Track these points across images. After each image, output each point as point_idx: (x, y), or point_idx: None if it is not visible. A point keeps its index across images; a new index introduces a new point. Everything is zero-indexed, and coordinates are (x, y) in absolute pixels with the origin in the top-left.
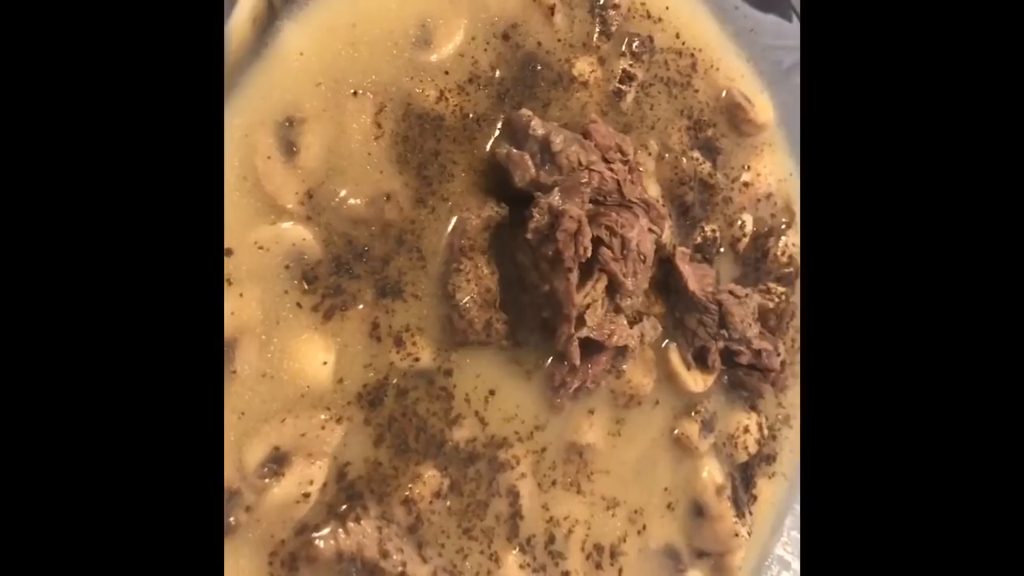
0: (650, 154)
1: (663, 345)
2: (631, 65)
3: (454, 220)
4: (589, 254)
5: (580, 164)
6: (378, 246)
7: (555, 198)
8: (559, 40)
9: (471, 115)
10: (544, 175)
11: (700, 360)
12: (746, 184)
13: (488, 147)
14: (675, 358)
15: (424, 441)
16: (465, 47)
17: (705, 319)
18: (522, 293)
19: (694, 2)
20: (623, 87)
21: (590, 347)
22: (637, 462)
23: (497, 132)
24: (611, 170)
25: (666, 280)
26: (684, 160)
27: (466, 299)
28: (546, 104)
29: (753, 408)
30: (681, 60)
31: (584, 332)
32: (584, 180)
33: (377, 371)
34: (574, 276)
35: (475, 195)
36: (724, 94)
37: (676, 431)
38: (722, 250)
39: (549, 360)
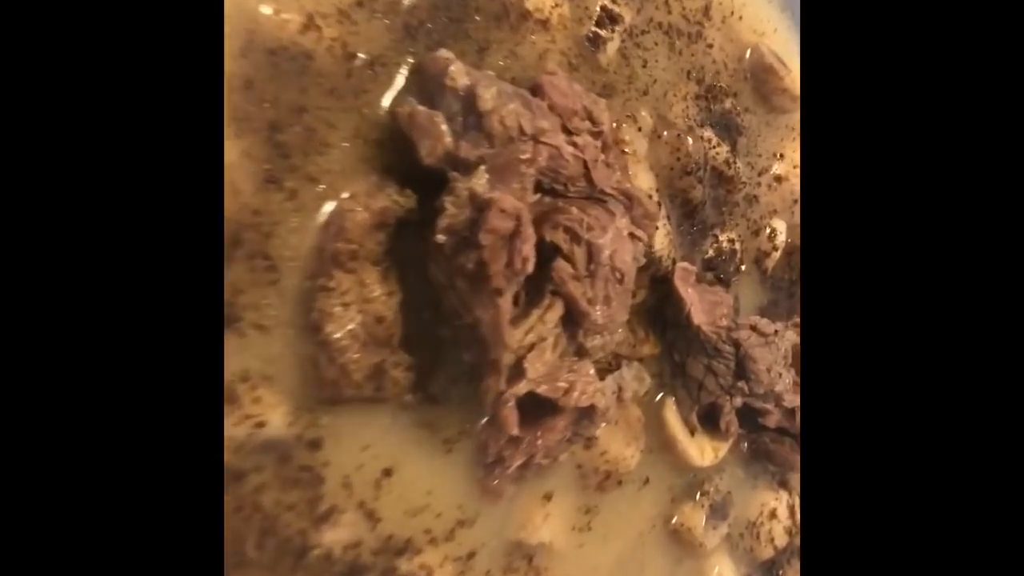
0: (640, 129)
1: (656, 400)
2: (614, 1)
3: (327, 212)
4: (531, 268)
5: (522, 132)
6: None
7: (479, 181)
8: None
9: (360, 56)
10: (466, 147)
11: (709, 422)
12: (778, 179)
13: (386, 104)
14: (673, 419)
15: (273, 549)
16: None
17: (716, 365)
18: (437, 324)
19: None
20: (602, 32)
21: (540, 407)
22: (616, 567)
23: (401, 83)
24: (573, 145)
25: (661, 308)
26: (690, 140)
27: (341, 332)
28: (483, 48)
29: (783, 485)
30: (689, 1)
31: (523, 386)
32: (526, 155)
33: None
34: (506, 301)
35: (364, 176)
36: (749, 53)
37: (674, 520)
38: (743, 268)
39: (481, 423)
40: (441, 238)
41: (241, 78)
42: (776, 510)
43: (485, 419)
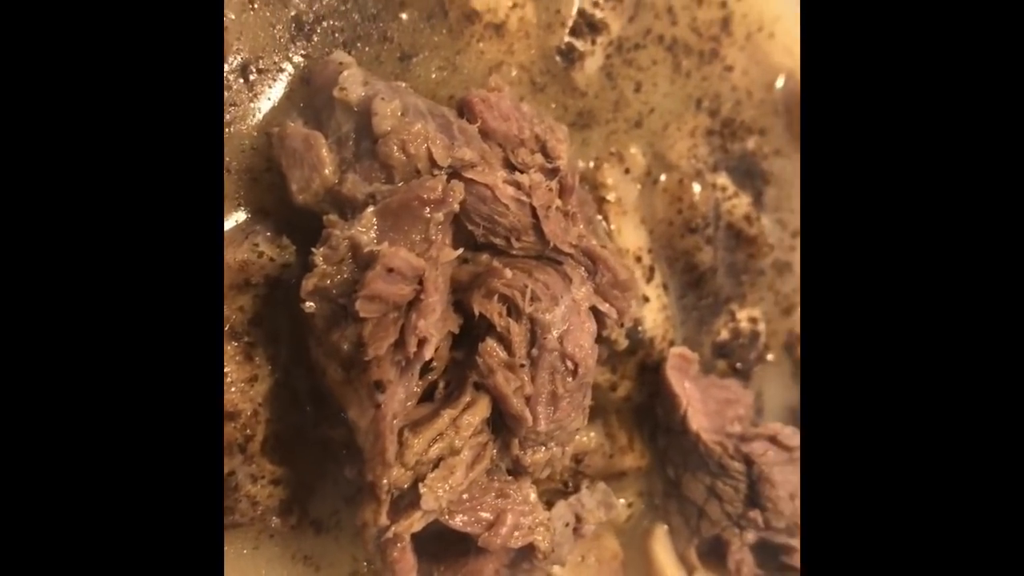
0: (628, 171)
1: (643, 527)
2: (596, 4)
3: None
4: (428, 354)
5: (434, 164)
6: None
7: (364, 228)
8: None
9: (229, 57)
10: (354, 181)
11: (714, 558)
12: None
13: (253, 122)
14: (664, 555)
15: None
16: None
17: (721, 487)
18: (323, 423)
19: None
20: (578, 44)
21: (462, 543)
22: None
23: (281, 93)
24: (515, 185)
25: (650, 406)
26: (697, 188)
27: None
28: (407, 55)
29: None
30: (702, 10)
31: (416, 520)
32: (434, 195)
33: None
34: (392, 399)
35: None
36: (783, 80)
37: None
38: (769, 357)
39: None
40: (309, 306)
41: None
42: None
43: None
